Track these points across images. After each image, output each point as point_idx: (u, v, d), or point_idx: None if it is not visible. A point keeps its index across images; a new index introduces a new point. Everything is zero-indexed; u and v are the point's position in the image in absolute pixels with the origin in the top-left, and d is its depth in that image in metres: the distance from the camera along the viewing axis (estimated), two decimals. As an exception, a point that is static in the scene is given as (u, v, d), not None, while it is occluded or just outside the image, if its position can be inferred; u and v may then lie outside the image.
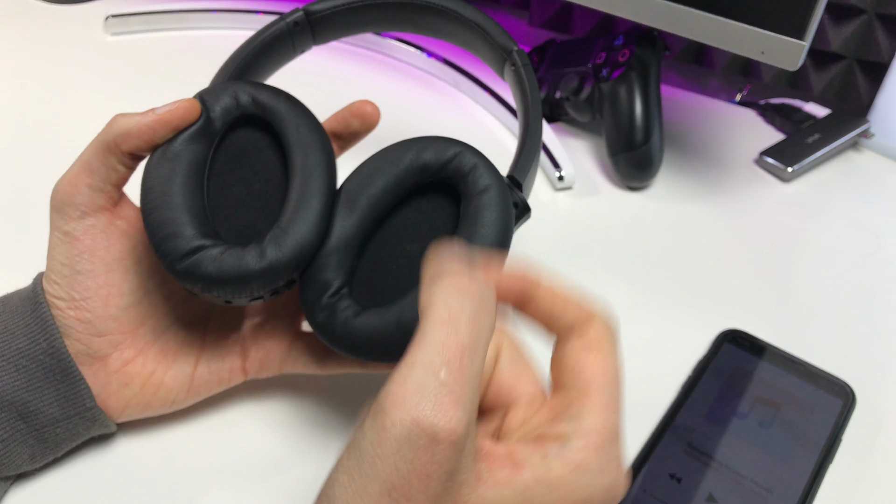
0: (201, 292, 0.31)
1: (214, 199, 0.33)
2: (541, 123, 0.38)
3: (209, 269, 0.30)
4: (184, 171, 0.32)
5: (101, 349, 0.33)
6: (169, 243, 0.31)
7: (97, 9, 0.71)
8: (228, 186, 0.33)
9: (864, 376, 0.41)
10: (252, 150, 0.34)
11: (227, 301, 0.32)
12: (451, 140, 0.33)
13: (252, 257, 0.30)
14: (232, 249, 0.31)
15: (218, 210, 0.33)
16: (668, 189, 0.54)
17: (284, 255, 0.31)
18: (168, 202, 0.31)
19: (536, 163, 0.37)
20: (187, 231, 0.31)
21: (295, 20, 0.41)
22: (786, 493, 0.35)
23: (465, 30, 0.42)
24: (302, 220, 0.31)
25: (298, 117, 0.33)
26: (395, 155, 0.33)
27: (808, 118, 0.59)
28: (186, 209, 0.31)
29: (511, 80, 0.41)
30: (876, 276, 0.48)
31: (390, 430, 0.21)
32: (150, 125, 0.31)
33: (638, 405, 0.39)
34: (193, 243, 0.31)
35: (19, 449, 0.32)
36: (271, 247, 0.31)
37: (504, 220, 0.31)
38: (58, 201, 0.32)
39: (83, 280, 0.32)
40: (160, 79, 0.62)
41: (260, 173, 0.34)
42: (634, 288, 0.46)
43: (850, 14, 0.60)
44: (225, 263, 0.30)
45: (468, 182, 0.32)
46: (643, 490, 0.35)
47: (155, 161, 0.32)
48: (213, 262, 0.30)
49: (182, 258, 0.30)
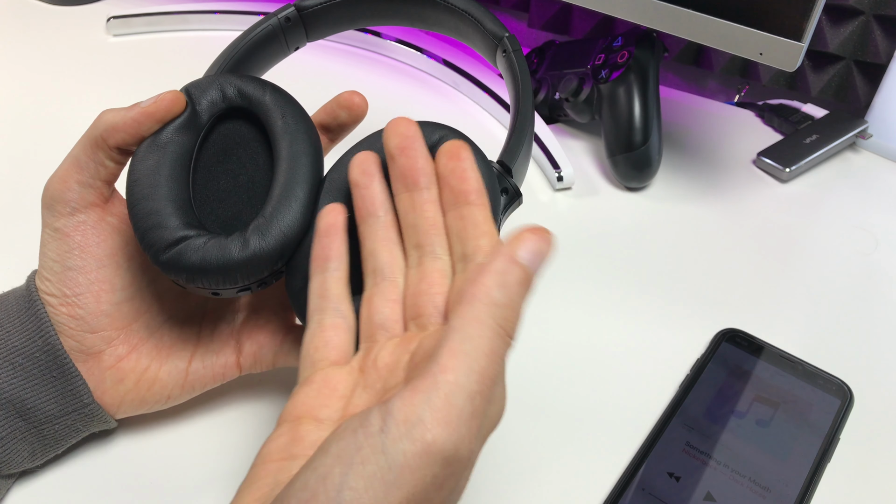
0: (186, 283, 0.31)
1: (201, 190, 0.33)
2: (532, 109, 0.38)
3: (192, 260, 0.30)
4: (169, 163, 0.32)
5: (95, 345, 0.33)
6: (153, 234, 0.31)
7: (99, 10, 0.71)
8: (215, 178, 0.33)
9: (862, 375, 0.41)
10: (239, 142, 0.34)
11: (214, 293, 0.32)
12: (437, 124, 0.32)
13: (235, 247, 0.30)
14: (215, 239, 0.31)
15: (204, 202, 0.33)
16: (666, 190, 0.54)
17: (268, 244, 0.31)
18: (153, 193, 0.31)
19: (528, 148, 0.37)
20: (171, 222, 0.31)
21: (286, 16, 0.41)
22: (784, 491, 0.35)
23: (456, 19, 0.42)
24: (286, 209, 0.31)
25: (284, 107, 0.33)
26: (382, 141, 0.33)
27: (806, 119, 0.59)
28: (171, 200, 0.31)
29: (502, 67, 0.41)
30: (873, 275, 0.48)
31: (431, 446, 0.22)
32: (135, 118, 0.31)
33: (636, 404, 0.39)
34: (177, 234, 0.31)
35: (19, 447, 0.32)
36: (254, 236, 0.31)
37: (491, 206, 0.31)
38: (48, 198, 0.32)
39: (75, 276, 0.32)
40: (161, 80, 0.62)
41: (247, 165, 0.34)
42: (633, 288, 0.46)
43: (848, 15, 0.60)
44: (208, 253, 0.30)
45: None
46: (642, 488, 0.35)
47: (141, 153, 0.32)
48: (196, 253, 0.30)
49: (166, 249, 0.30)
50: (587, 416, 0.39)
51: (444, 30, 0.43)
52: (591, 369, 0.41)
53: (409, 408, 0.22)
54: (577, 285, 0.46)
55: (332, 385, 0.28)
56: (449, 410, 0.22)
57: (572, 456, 0.37)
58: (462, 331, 0.23)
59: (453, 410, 0.22)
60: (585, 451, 0.37)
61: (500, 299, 0.24)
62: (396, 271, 0.29)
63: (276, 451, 0.26)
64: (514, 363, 0.41)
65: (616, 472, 0.36)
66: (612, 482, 0.35)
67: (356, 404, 0.27)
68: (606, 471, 0.36)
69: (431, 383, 0.22)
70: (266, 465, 0.26)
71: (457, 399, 0.22)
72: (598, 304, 0.45)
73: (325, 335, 0.29)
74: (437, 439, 0.22)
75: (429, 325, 0.27)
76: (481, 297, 0.24)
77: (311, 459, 0.23)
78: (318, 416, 0.27)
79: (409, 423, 0.22)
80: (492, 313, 0.24)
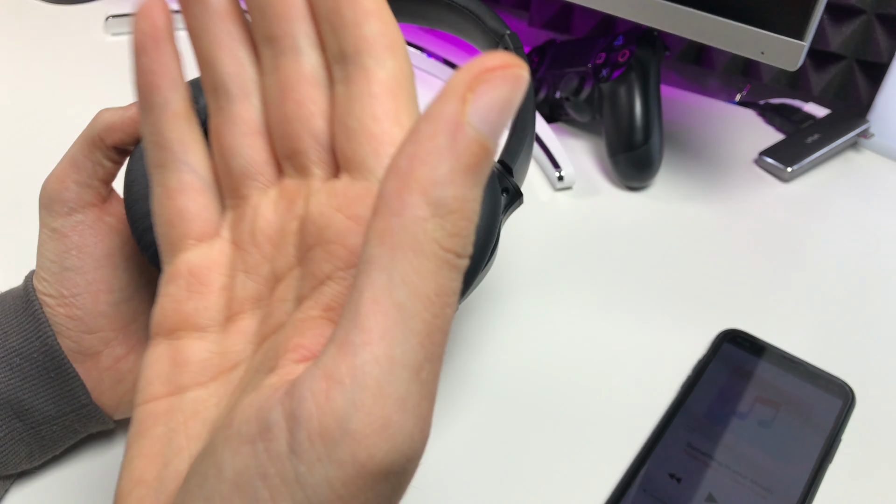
0: None
1: None
2: (533, 109, 0.38)
3: None
4: None
5: (92, 346, 0.33)
6: (150, 235, 0.30)
7: (97, 9, 0.71)
8: None
9: (864, 376, 0.40)
10: None
11: None
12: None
13: None
14: None
15: None
16: (667, 189, 0.54)
17: None
18: (149, 194, 0.31)
19: (529, 147, 0.37)
20: None
21: None
22: (785, 492, 0.35)
23: (456, 15, 0.41)
24: None
25: None
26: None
27: (808, 118, 0.59)
28: None
29: None
30: (875, 275, 0.48)
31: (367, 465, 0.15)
32: (132, 118, 0.31)
33: (637, 404, 0.39)
34: None
35: (17, 448, 0.32)
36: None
37: (490, 205, 0.30)
38: (46, 198, 0.32)
39: (72, 277, 0.32)
40: (160, 79, 0.62)
41: None
42: (634, 288, 0.46)
43: (850, 14, 0.60)
44: None
45: None
46: (643, 489, 0.35)
47: (138, 153, 0.32)
48: None
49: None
50: (588, 417, 0.38)
51: (445, 27, 0.43)
52: (591, 369, 0.41)
53: (325, 412, 0.15)
54: (578, 285, 0.46)
55: (203, 275, 0.21)
56: (385, 404, 0.15)
57: (573, 457, 0.37)
58: (387, 265, 0.15)
59: (391, 402, 0.15)
60: (586, 452, 0.37)
61: (439, 199, 0.15)
62: (248, 84, 0.21)
63: (157, 383, 0.20)
64: (513, 363, 0.40)
65: (617, 473, 0.36)
66: (614, 483, 0.35)
67: (241, 298, 0.21)
68: (607, 472, 0.36)
69: (352, 364, 0.15)
70: (150, 407, 0.20)
71: (394, 382, 0.15)
72: (598, 304, 0.45)
73: (175, 203, 0.22)
74: (374, 454, 0.15)
75: (311, 168, 0.20)
76: (410, 200, 0.15)
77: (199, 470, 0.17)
78: (198, 322, 0.21)
79: (330, 439, 0.15)
80: (428, 227, 0.15)
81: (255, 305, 0.21)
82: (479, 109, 0.15)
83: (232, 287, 0.21)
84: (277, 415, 0.15)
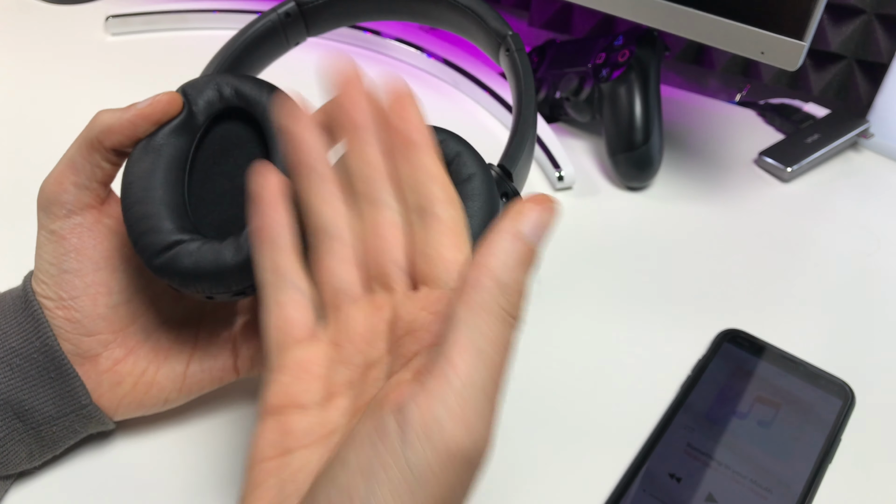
0: (180, 287, 0.31)
1: (197, 193, 0.32)
2: (534, 110, 0.38)
3: (185, 264, 0.30)
4: (164, 166, 0.31)
5: (91, 349, 0.33)
6: (147, 238, 0.30)
7: (97, 9, 0.71)
8: (211, 180, 0.33)
9: (864, 376, 0.40)
10: (236, 144, 0.33)
11: (209, 297, 0.31)
12: (435, 128, 0.32)
13: (229, 251, 0.30)
14: (209, 244, 0.30)
15: (200, 204, 0.32)
16: (667, 189, 0.54)
17: None
18: (147, 197, 0.31)
19: (530, 152, 0.37)
20: (166, 226, 0.30)
21: (286, 11, 0.41)
22: (785, 492, 0.35)
23: (459, 15, 0.41)
24: None
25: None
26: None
27: (808, 118, 0.59)
28: (166, 204, 0.31)
29: (505, 66, 0.41)
30: (875, 275, 0.48)
31: (453, 449, 0.21)
32: (130, 120, 0.31)
33: (637, 405, 0.39)
34: (171, 238, 0.30)
35: (17, 448, 0.32)
36: (249, 241, 0.30)
37: (488, 210, 0.31)
38: (44, 200, 0.32)
39: (71, 279, 0.32)
40: (160, 79, 0.61)
41: (243, 167, 0.33)
42: (634, 288, 0.46)
43: (850, 14, 0.60)
44: (201, 258, 0.30)
45: (452, 170, 0.31)
46: (643, 489, 0.35)
47: (136, 156, 0.32)
48: (189, 257, 0.30)
49: (159, 253, 0.30)
50: (588, 417, 0.38)
51: (447, 26, 0.43)
52: (591, 370, 0.41)
53: (426, 413, 0.21)
54: (578, 285, 0.46)
55: (306, 366, 0.26)
56: (465, 409, 0.22)
57: (573, 457, 0.37)
58: (468, 322, 0.22)
59: (470, 409, 0.22)
60: (586, 452, 0.37)
61: (503, 281, 0.23)
62: (342, 227, 0.28)
63: (268, 448, 0.25)
64: (513, 363, 0.40)
65: (617, 472, 0.36)
66: (614, 483, 0.35)
67: (337, 382, 0.26)
68: (608, 472, 0.36)
69: (444, 383, 0.22)
70: (263, 466, 0.25)
71: (472, 396, 0.22)
72: (598, 304, 0.45)
73: (284, 313, 0.27)
74: (458, 442, 0.21)
75: (394, 286, 0.26)
76: (484, 281, 0.23)
77: (327, 471, 0.22)
78: (301, 402, 0.26)
79: (429, 430, 0.21)
80: (496, 298, 0.23)
81: (349, 388, 0.26)
82: (527, 224, 0.23)
83: (330, 375, 0.26)
84: (391, 420, 0.22)
